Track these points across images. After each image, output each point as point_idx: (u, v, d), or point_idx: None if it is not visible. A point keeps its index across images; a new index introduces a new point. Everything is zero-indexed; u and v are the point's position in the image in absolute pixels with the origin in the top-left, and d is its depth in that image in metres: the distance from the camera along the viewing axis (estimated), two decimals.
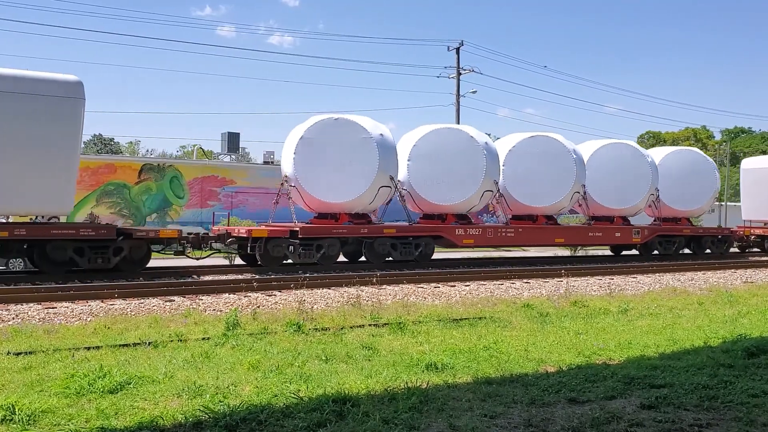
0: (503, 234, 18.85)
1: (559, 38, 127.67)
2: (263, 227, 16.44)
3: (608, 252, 24.30)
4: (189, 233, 15.61)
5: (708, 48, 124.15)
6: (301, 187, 16.74)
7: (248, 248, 15.50)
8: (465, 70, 35.29)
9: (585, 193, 20.29)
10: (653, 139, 69.21)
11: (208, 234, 16.20)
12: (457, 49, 35.15)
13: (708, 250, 23.04)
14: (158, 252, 15.62)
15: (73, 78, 13.33)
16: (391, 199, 17.65)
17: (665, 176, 21.82)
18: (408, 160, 18.19)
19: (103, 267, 13.77)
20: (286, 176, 17.04)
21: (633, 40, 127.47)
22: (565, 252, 25.86)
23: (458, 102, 35.06)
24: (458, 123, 35.22)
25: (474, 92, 36.64)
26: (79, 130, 13.32)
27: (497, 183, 18.72)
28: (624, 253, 23.21)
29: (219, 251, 16.56)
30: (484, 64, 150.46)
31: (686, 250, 22.92)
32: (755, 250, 25.44)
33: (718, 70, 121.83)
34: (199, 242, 15.63)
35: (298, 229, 15.93)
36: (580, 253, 25.50)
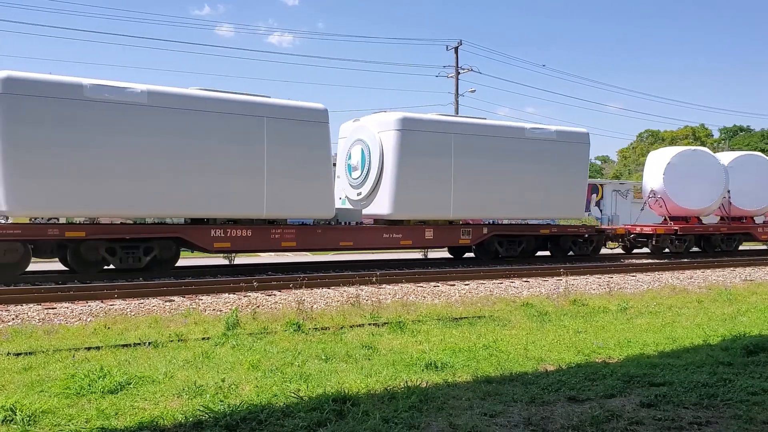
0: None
1: (559, 38, 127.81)
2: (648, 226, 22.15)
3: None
4: None
5: (706, 46, 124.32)
6: (668, 197, 22.36)
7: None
8: (464, 69, 35.32)
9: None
10: (652, 138, 69.28)
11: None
12: (456, 49, 35.18)
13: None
14: None
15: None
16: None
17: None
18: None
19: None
20: (653, 190, 22.75)
21: (633, 40, 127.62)
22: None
23: (457, 101, 35.09)
24: None
25: (473, 91, 36.65)
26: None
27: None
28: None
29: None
30: (483, 63, 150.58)
31: None
32: None
33: (716, 68, 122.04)
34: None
35: (677, 228, 21.97)
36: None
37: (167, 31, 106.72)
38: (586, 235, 20.51)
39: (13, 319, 9.42)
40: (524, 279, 15.23)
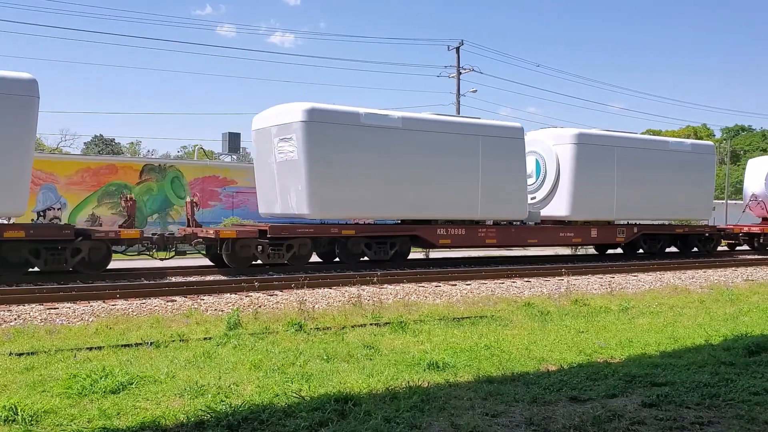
0: None
1: (561, 37, 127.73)
2: (756, 226, 25.33)
3: None
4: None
5: (708, 46, 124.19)
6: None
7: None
8: (465, 69, 35.29)
9: None
10: None
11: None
12: (457, 49, 35.15)
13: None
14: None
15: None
16: None
17: None
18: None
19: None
20: (754, 194, 25.53)
21: (635, 40, 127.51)
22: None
23: (458, 101, 35.07)
24: None
25: (474, 91, 36.64)
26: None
27: None
28: None
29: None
30: (484, 63, 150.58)
31: None
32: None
33: (718, 68, 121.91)
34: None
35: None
36: None
37: (168, 31, 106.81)
38: (707, 234, 23.33)
39: (15, 319, 9.43)
40: (526, 279, 15.22)
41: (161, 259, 15.58)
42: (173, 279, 13.99)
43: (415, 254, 19.35)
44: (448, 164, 17.09)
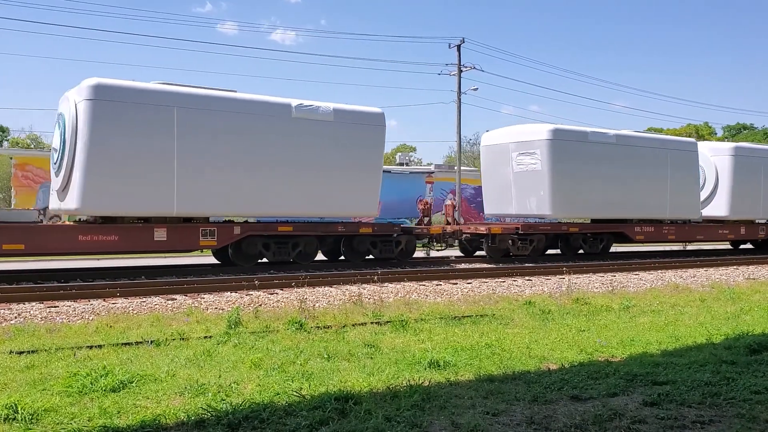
0: None
1: (563, 36, 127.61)
2: None
3: None
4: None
5: (710, 45, 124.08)
6: None
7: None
8: (466, 67, 35.25)
9: None
10: None
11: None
12: (458, 47, 35.11)
13: None
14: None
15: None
16: None
17: None
18: None
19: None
20: None
21: (638, 38, 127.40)
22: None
23: (459, 99, 35.04)
24: (459, 120, 35.26)
25: (475, 89, 36.48)
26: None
27: None
28: None
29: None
30: (485, 61, 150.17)
31: None
32: None
33: (720, 66, 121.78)
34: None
35: None
36: None
37: (168, 28, 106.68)
38: None
39: (15, 317, 9.43)
40: (527, 278, 15.20)
41: (437, 251, 20.04)
42: (173, 277, 13.98)
43: (418, 252, 19.43)
44: (646, 173, 20.72)
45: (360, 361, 6.87)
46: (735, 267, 18.94)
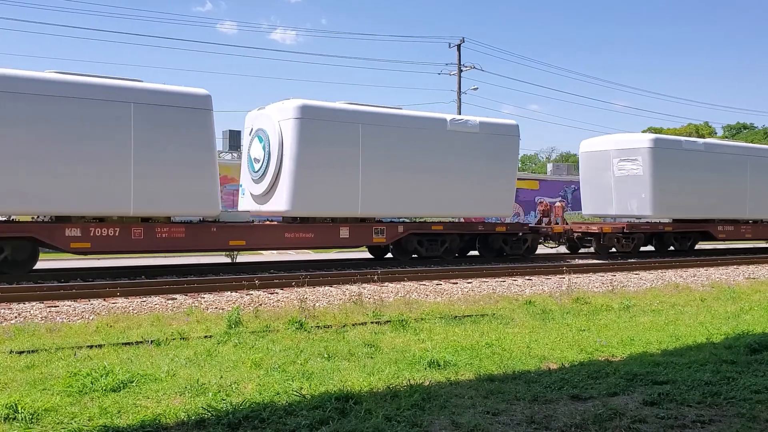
0: None
1: (563, 35, 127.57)
2: None
3: None
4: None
5: (710, 44, 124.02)
6: None
7: None
8: (466, 67, 35.29)
9: None
10: None
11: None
12: (458, 46, 35.15)
13: None
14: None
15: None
16: None
17: None
18: None
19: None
20: None
21: (638, 38, 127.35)
22: None
23: (459, 99, 35.08)
24: None
25: (475, 89, 36.52)
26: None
27: None
28: None
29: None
30: (485, 60, 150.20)
31: None
32: None
33: (720, 66, 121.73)
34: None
35: None
36: None
37: (168, 28, 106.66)
38: None
39: (15, 317, 9.43)
40: (527, 277, 15.20)
41: (550, 248, 21.48)
42: (173, 277, 13.98)
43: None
44: (727, 177, 22.44)
45: (360, 361, 6.87)
46: (735, 266, 18.94)
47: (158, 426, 4.76)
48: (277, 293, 11.93)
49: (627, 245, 21.01)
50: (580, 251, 22.00)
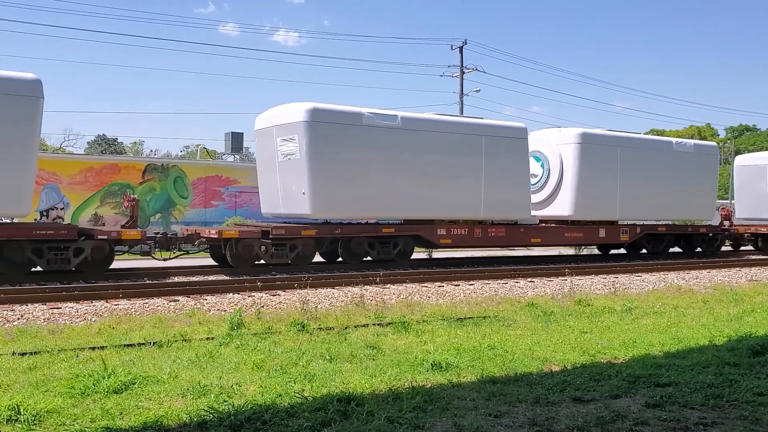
0: None
1: (565, 37, 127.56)
2: None
3: None
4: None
5: (712, 46, 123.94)
6: None
7: None
8: (468, 68, 35.29)
9: None
10: None
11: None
12: (461, 48, 35.15)
13: None
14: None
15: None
16: None
17: None
18: None
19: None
20: None
21: (640, 39, 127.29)
22: None
23: (461, 101, 35.07)
24: None
25: (477, 91, 36.55)
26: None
27: None
28: None
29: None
30: (487, 62, 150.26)
31: None
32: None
33: (722, 67, 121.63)
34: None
35: None
36: None
37: (170, 30, 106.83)
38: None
39: (18, 318, 9.44)
40: (529, 279, 15.19)
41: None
42: (176, 279, 14.00)
43: (418, 254, 19.41)
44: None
45: (362, 363, 6.87)
46: (738, 269, 18.89)
47: (160, 428, 4.76)
48: (279, 295, 11.93)
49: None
50: (740, 249, 25.19)
